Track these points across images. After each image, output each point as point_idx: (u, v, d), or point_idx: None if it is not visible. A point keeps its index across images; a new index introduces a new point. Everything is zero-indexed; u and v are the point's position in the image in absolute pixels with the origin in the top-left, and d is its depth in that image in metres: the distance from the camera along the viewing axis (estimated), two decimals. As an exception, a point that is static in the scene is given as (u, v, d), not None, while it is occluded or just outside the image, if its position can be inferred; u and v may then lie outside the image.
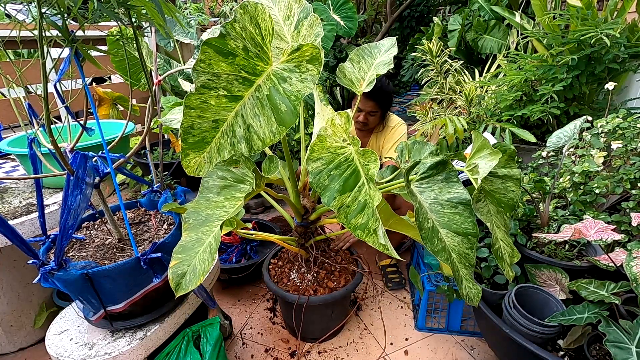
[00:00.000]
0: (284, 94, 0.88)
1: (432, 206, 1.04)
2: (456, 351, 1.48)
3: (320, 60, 0.88)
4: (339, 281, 1.45)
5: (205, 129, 0.93)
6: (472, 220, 1.03)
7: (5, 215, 1.28)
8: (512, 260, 1.09)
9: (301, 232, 1.41)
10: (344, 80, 1.44)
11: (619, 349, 0.86)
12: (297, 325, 1.43)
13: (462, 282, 1.02)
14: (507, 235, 1.11)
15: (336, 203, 0.91)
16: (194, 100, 0.89)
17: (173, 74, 2.66)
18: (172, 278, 0.87)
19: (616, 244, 1.25)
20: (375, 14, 5.65)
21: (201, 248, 0.89)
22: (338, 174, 0.94)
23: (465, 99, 2.42)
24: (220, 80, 0.90)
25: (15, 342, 1.47)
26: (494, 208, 1.09)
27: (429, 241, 0.98)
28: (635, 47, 1.76)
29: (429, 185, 1.08)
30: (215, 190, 1.01)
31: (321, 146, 0.96)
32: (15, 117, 1.15)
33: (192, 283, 0.85)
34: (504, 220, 1.12)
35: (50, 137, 0.79)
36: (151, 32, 1.73)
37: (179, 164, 2.43)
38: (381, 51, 1.47)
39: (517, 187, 1.13)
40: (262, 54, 0.91)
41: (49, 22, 0.70)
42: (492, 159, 0.96)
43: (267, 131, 0.90)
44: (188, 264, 0.88)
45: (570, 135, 1.35)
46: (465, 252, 1.02)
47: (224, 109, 0.92)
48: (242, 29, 0.88)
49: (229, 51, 0.88)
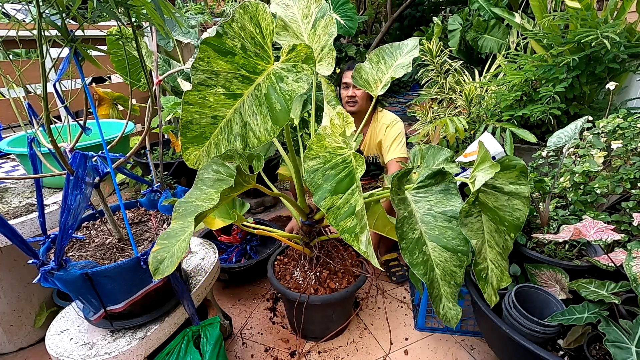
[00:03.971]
0: (280, 93, 0.88)
1: (424, 217, 1.01)
2: (456, 351, 1.48)
3: (314, 60, 0.88)
4: (342, 282, 1.45)
5: (204, 125, 0.94)
6: (465, 237, 0.98)
7: (5, 215, 1.28)
8: (500, 285, 1.03)
9: (306, 230, 1.42)
10: (359, 81, 1.41)
11: (618, 348, 0.86)
12: (298, 323, 1.43)
13: (441, 301, 0.97)
14: (500, 258, 1.04)
15: (326, 203, 0.89)
16: (193, 96, 0.90)
17: (173, 74, 2.66)
18: (152, 262, 0.88)
19: (616, 244, 1.25)
20: (375, 13, 5.65)
21: (182, 237, 0.89)
22: (333, 175, 0.93)
23: (465, 99, 2.42)
24: (219, 78, 0.91)
25: (15, 342, 1.47)
26: (493, 226, 1.04)
27: (408, 252, 0.95)
28: (635, 47, 1.76)
29: (426, 195, 1.04)
30: (208, 182, 1.02)
31: (319, 145, 0.96)
32: (15, 117, 1.15)
33: (168, 269, 0.86)
34: (505, 241, 1.06)
35: (50, 137, 0.79)
36: (151, 32, 1.73)
37: (179, 164, 2.45)
38: (403, 52, 1.42)
39: (524, 206, 1.06)
40: (263, 53, 0.92)
41: (48, 22, 0.70)
42: (490, 172, 0.92)
43: (263, 129, 0.91)
44: (168, 250, 0.88)
45: (570, 135, 1.35)
46: (452, 269, 0.98)
47: (222, 106, 0.93)
48: (240, 28, 0.89)
49: (227, 50, 0.89)
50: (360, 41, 5.37)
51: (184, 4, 3.22)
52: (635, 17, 1.94)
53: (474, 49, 3.25)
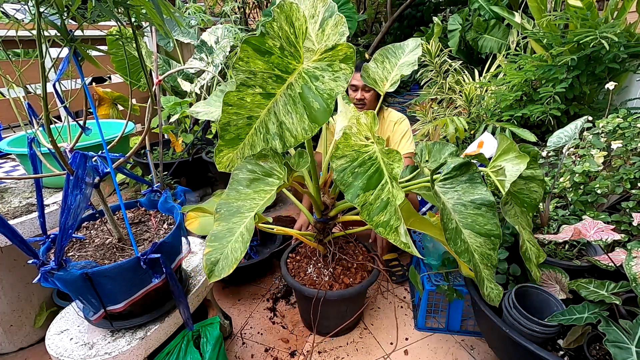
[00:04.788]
0: (316, 92, 0.89)
1: (455, 207, 1.05)
2: (456, 351, 1.48)
3: (353, 59, 0.89)
4: (355, 277, 1.46)
5: (241, 126, 0.95)
6: (495, 221, 1.03)
7: (5, 215, 1.28)
8: (539, 261, 1.09)
9: (320, 227, 1.43)
10: (367, 79, 1.46)
11: (618, 348, 0.86)
12: (314, 319, 1.44)
13: (484, 283, 1.03)
14: (532, 236, 1.11)
15: (359, 200, 0.92)
16: (233, 97, 0.91)
17: (173, 74, 2.66)
18: (206, 265, 0.91)
19: (616, 244, 1.25)
20: (375, 13, 5.65)
21: (233, 237, 0.92)
22: (362, 172, 0.96)
23: (465, 99, 2.42)
24: (256, 78, 0.91)
25: (15, 342, 1.47)
26: (518, 209, 1.10)
27: (452, 242, 0.98)
28: (635, 47, 1.76)
29: (452, 186, 1.08)
30: (244, 182, 1.04)
31: (346, 144, 0.98)
32: (15, 117, 1.15)
33: (224, 270, 0.88)
34: (528, 220, 1.12)
35: (50, 137, 0.79)
36: (151, 32, 1.73)
37: (179, 164, 2.45)
38: (405, 52, 1.48)
39: (540, 188, 1.13)
40: (295, 53, 0.93)
41: (48, 22, 0.70)
42: (520, 162, 0.97)
43: (300, 128, 0.91)
44: (221, 252, 0.91)
45: (570, 135, 1.35)
46: (487, 253, 1.03)
47: (257, 106, 0.94)
48: (279, 28, 0.89)
49: (266, 50, 0.90)
50: (360, 41, 5.36)
51: (184, 3, 3.22)
52: (635, 17, 1.94)
53: (474, 49, 3.25)
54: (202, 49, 2.62)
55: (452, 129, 2.09)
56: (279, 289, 1.85)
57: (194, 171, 2.67)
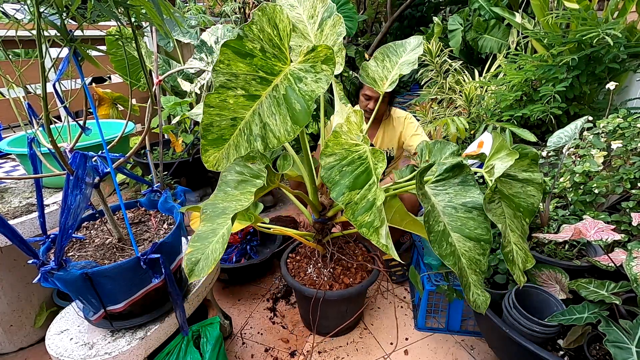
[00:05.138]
0: (299, 94, 0.88)
1: (446, 209, 1.04)
2: (456, 351, 1.48)
3: (334, 60, 0.89)
4: (355, 277, 1.46)
5: (224, 127, 0.95)
6: (486, 226, 1.02)
7: (5, 215, 1.28)
8: (526, 266, 1.07)
9: (318, 228, 1.43)
10: (366, 78, 1.43)
11: (619, 348, 0.86)
12: (314, 319, 1.44)
13: (470, 289, 1.02)
14: (522, 241, 1.09)
15: (344, 199, 0.92)
16: (213, 99, 0.91)
17: (173, 74, 2.66)
18: (187, 264, 0.91)
19: (616, 244, 1.25)
20: (375, 13, 5.64)
21: (215, 238, 0.92)
22: (350, 171, 0.95)
23: (465, 99, 2.42)
24: (238, 80, 0.91)
25: (15, 342, 1.47)
26: (511, 212, 1.08)
27: (437, 244, 0.97)
28: (635, 47, 1.76)
29: (444, 188, 1.07)
30: (232, 184, 1.04)
31: (336, 142, 0.98)
32: (15, 117, 1.15)
33: (204, 270, 0.89)
34: (522, 226, 1.10)
35: (50, 137, 0.79)
36: (151, 32, 1.73)
37: (179, 164, 2.45)
38: (407, 50, 1.45)
39: (537, 192, 1.10)
40: (280, 55, 0.93)
41: (47, 22, 0.70)
42: (509, 159, 0.95)
43: (283, 130, 0.91)
44: (202, 252, 0.91)
45: (571, 135, 1.35)
46: (476, 258, 1.02)
47: (242, 108, 0.94)
48: (259, 30, 0.90)
49: (247, 52, 0.90)
50: (360, 41, 5.36)
51: (184, 4, 3.22)
52: (635, 17, 1.94)
53: (474, 49, 3.25)
54: (202, 49, 2.62)
55: (454, 129, 2.09)
56: (279, 289, 1.85)
57: (194, 171, 2.67)
